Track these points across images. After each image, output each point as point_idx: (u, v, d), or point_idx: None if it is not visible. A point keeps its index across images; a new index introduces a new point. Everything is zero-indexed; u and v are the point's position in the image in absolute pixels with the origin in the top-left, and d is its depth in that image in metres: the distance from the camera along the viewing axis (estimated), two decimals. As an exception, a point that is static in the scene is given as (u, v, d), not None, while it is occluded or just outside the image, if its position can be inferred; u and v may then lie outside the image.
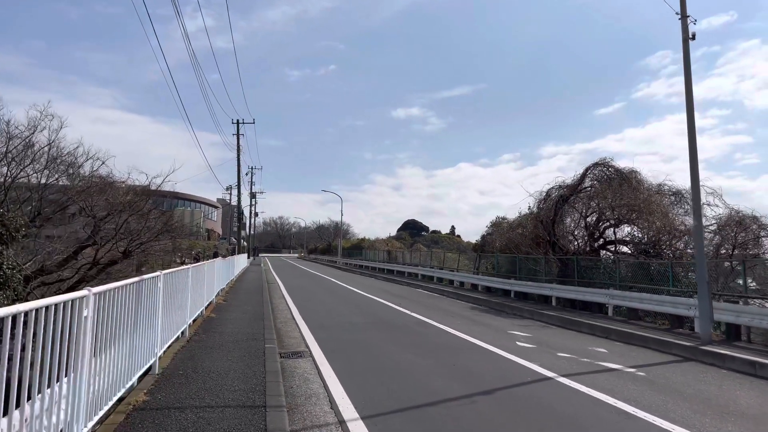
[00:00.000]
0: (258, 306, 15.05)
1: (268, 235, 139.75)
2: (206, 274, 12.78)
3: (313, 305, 16.98)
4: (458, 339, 10.94)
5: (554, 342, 10.97)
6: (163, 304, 7.04)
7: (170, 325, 7.77)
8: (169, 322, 7.64)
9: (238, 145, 46.11)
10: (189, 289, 9.56)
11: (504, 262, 22.22)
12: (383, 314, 14.95)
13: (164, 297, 7.15)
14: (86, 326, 3.93)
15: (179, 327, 8.78)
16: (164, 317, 7.23)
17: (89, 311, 3.99)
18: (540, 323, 14.11)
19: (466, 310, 16.68)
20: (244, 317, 12.52)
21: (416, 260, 34.44)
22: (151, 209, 17.42)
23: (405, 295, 21.73)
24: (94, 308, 4.13)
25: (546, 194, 20.24)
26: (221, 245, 66.08)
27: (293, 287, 24.45)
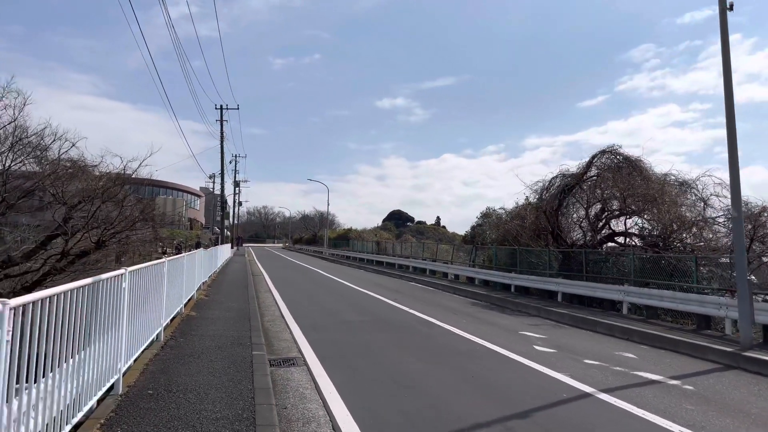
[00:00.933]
0: (243, 302, 13.80)
1: (252, 225, 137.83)
2: (186, 268, 11.51)
3: (303, 300, 15.77)
4: (469, 342, 9.79)
5: (574, 345, 9.87)
6: (129, 307, 5.79)
7: (139, 331, 6.52)
8: (137, 328, 6.39)
9: (222, 131, 44.56)
10: (164, 286, 8.30)
11: (503, 255, 21.14)
12: (380, 311, 13.79)
13: (131, 299, 5.90)
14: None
15: (152, 331, 7.53)
16: (131, 324, 5.98)
17: (3, 332, 2.75)
18: (550, 322, 13.04)
19: (468, 307, 15.56)
20: (229, 316, 11.27)
21: (407, 252, 33.28)
22: (126, 196, 16.00)
23: (399, 288, 20.58)
24: (13, 326, 2.89)
25: (549, 183, 19.16)
26: (204, 235, 64.45)
27: (280, 280, 23.19)
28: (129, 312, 5.81)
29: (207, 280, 19.07)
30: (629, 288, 13.18)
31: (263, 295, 17.14)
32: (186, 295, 11.92)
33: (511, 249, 20.57)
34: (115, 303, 5.27)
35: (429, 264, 27.45)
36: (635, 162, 17.08)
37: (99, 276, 4.73)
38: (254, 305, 13.39)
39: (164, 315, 8.44)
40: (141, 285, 6.46)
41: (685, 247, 16.50)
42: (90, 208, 15.82)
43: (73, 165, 17.44)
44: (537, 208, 20.30)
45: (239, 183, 74.29)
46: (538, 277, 17.37)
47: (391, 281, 24.29)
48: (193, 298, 13.82)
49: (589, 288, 14.73)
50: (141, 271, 6.41)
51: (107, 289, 4.97)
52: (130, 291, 5.82)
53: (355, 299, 16.57)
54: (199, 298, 14.07)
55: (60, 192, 16.31)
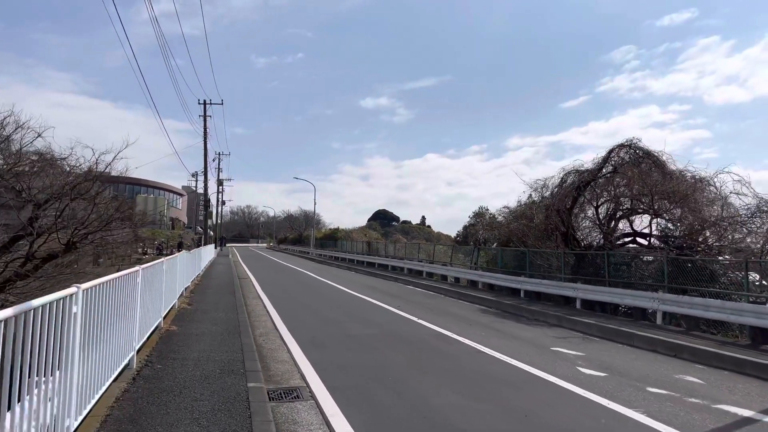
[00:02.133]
0: (231, 311, 12.22)
1: (235, 225, 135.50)
2: (166, 275, 9.92)
3: (297, 309, 14.22)
4: (501, 364, 8.34)
5: (623, 366, 8.47)
6: (84, 337, 4.25)
7: (100, 365, 4.97)
8: (97, 361, 4.84)
9: (205, 127, 42.73)
10: (138, 301, 6.73)
11: (508, 257, 19.76)
12: (386, 321, 12.30)
13: (87, 325, 4.37)
14: None
15: (121, 358, 5.97)
16: (87, 359, 4.44)
17: None
18: (577, 333, 11.65)
19: (479, 315, 14.13)
20: (215, 330, 9.70)
21: (401, 252, 31.78)
22: (99, 192, 14.30)
23: (398, 293, 19.10)
24: None
25: (561, 180, 17.80)
26: (186, 234, 62.40)
27: (269, 284, 21.58)
28: (83, 343, 4.27)
29: (190, 285, 17.44)
30: (665, 295, 11.83)
31: (252, 301, 15.56)
32: (166, 305, 10.33)
33: (519, 250, 19.20)
34: (61, 334, 3.74)
35: (426, 266, 26.00)
36: (656, 157, 15.78)
37: (30, 303, 3.19)
38: (244, 315, 11.84)
39: (138, 336, 6.87)
40: (103, 304, 4.91)
41: (711, 249, 15.25)
42: (59, 206, 14.13)
43: (40, 158, 15.73)
44: (547, 206, 18.95)
45: (222, 181, 72.41)
46: (551, 282, 16.00)
47: (387, 285, 22.80)
48: (175, 307, 12.22)
49: (614, 294, 13.37)
50: (102, 287, 4.85)
51: (48, 318, 3.44)
52: (85, 315, 4.28)
53: (354, 306, 15.06)
54: (181, 308, 12.48)
55: (25, 188, 14.61)
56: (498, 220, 31.97)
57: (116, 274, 5.62)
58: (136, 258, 36.29)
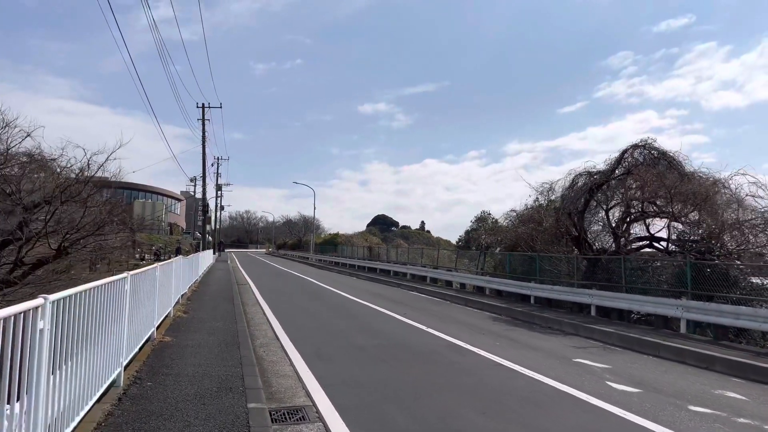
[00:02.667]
0: (229, 320, 11.55)
1: (234, 230, 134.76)
2: (159, 283, 9.26)
3: (299, 316, 13.55)
4: (524, 378, 7.66)
5: (656, 380, 7.80)
6: (54, 358, 3.60)
7: (81, 384, 4.31)
8: (76, 381, 4.18)
9: (203, 130, 42.10)
10: (125, 313, 6.06)
11: (518, 262, 19.09)
12: (393, 331, 11.62)
13: (59, 344, 3.71)
14: None
15: (104, 378, 5.30)
16: (62, 381, 3.78)
17: None
18: (596, 343, 10.98)
19: (490, 323, 13.47)
20: (212, 341, 9.02)
21: (404, 258, 31.10)
22: (91, 194, 13.61)
23: (402, 300, 18.43)
24: None
25: (572, 182, 17.15)
26: (184, 240, 61.73)
27: (268, 290, 20.90)
28: (56, 364, 3.62)
29: (187, 292, 16.76)
30: (689, 303, 11.17)
31: (251, 309, 14.89)
32: (160, 314, 9.66)
33: (527, 255, 18.54)
34: (22, 357, 3.08)
35: (430, 271, 25.32)
36: (672, 157, 15.15)
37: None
38: (243, 324, 11.16)
39: (125, 350, 6.20)
40: (81, 317, 4.25)
41: (730, 254, 14.60)
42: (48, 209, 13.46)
43: (31, 159, 15.08)
44: (557, 209, 18.31)
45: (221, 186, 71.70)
46: (564, 288, 15.33)
47: (390, 291, 22.13)
48: (170, 315, 11.55)
49: (633, 301, 12.71)
50: (78, 298, 4.18)
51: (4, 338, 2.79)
52: (56, 331, 3.62)
53: (358, 314, 14.38)
54: (176, 316, 11.80)
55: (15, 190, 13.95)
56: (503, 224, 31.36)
57: (95, 282, 4.96)
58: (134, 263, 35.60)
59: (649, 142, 15.56)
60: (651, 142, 15.55)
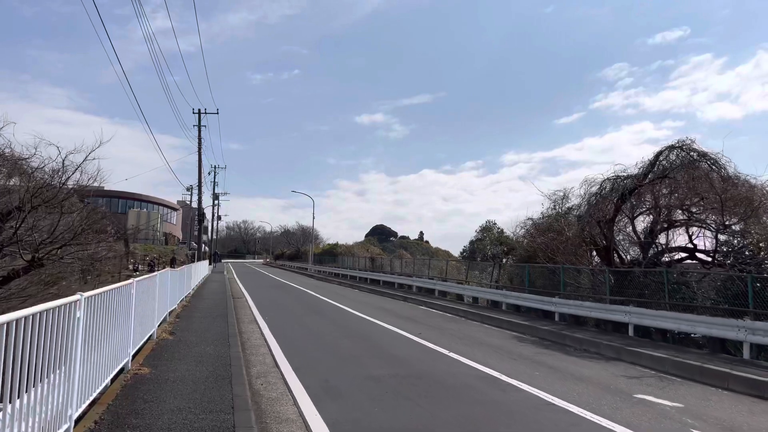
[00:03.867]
0: (221, 343, 9.99)
1: (231, 240, 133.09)
2: (137, 303, 7.72)
3: (300, 337, 12.01)
4: (587, 423, 6.10)
5: (747, 425, 6.28)
6: None
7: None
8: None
9: (200, 137, 40.67)
10: (77, 348, 4.53)
11: (537, 275, 17.58)
12: (411, 355, 10.08)
13: None
14: None
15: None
16: None
17: None
18: (647, 371, 9.45)
19: (517, 345, 11.94)
20: (199, 374, 7.47)
21: (409, 269, 29.57)
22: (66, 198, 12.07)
23: (414, 316, 16.88)
24: None
25: (599, 188, 15.65)
26: (180, 250, 60.06)
27: (266, 304, 19.33)
28: None
29: (176, 308, 15.21)
30: (755, 324, 9.65)
31: (247, 327, 13.35)
32: (137, 339, 8.13)
33: (548, 267, 17.03)
34: None
35: (438, 284, 23.76)
36: (715, 159, 13.69)
37: None
38: (237, 349, 9.61)
39: (78, 397, 4.67)
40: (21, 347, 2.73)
41: None
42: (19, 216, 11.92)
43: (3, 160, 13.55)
44: (579, 217, 16.82)
45: (218, 195, 70.18)
46: (594, 304, 13.82)
47: (397, 305, 20.57)
48: (153, 338, 10.01)
49: (681, 321, 11.17)
50: None
51: None
52: None
53: (368, 334, 12.84)
54: (160, 338, 10.24)
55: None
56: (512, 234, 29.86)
57: (27, 310, 3.44)
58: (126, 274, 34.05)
59: (687, 142, 14.09)
60: (689, 142, 14.08)
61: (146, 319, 9.05)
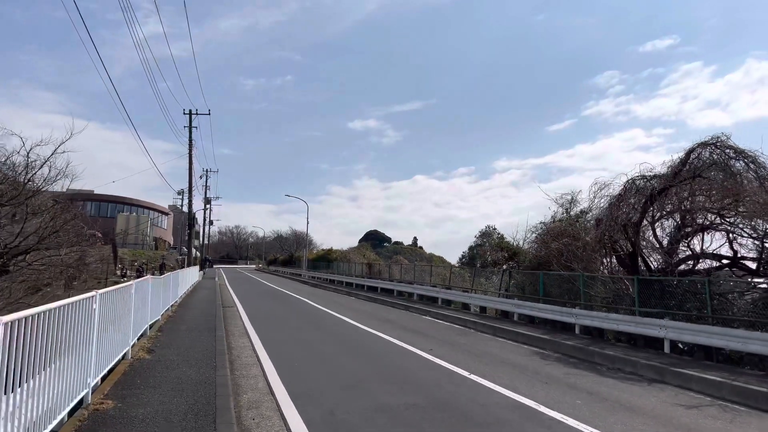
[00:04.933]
0: (206, 364, 8.61)
1: (223, 245, 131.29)
2: (105, 320, 6.34)
3: (298, 354, 10.64)
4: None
5: None
6: None
7: None
8: None
9: (190, 138, 39.24)
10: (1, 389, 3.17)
11: (553, 283, 16.27)
12: (426, 378, 8.71)
13: None
14: None
15: None
16: None
17: None
18: (703, 398, 8.16)
19: (542, 363, 10.60)
20: (175, 408, 6.08)
21: (409, 276, 28.18)
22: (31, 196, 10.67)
23: (419, 328, 15.52)
24: None
25: (623, 188, 14.37)
26: (170, 255, 58.48)
27: (259, 315, 17.91)
28: None
29: (160, 320, 13.81)
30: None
31: (238, 341, 11.97)
32: (104, 363, 6.75)
33: (564, 275, 15.74)
34: None
35: (442, 292, 22.39)
36: (753, 157, 12.46)
37: None
38: (224, 372, 8.22)
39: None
40: None
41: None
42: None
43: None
44: (599, 221, 15.53)
45: (210, 200, 68.60)
46: (624, 316, 12.49)
47: (399, 315, 19.21)
48: (127, 357, 8.63)
49: (731, 338, 9.86)
50: None
51: None
52: None
53: (373, 350, 11.48)
54: (136, 358, 8.86)
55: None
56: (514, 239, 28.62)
57: None
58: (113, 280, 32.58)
59: (723, 138, 12.85)
60: (724, 139, 12.83)
61: (117, 337, 7.66)
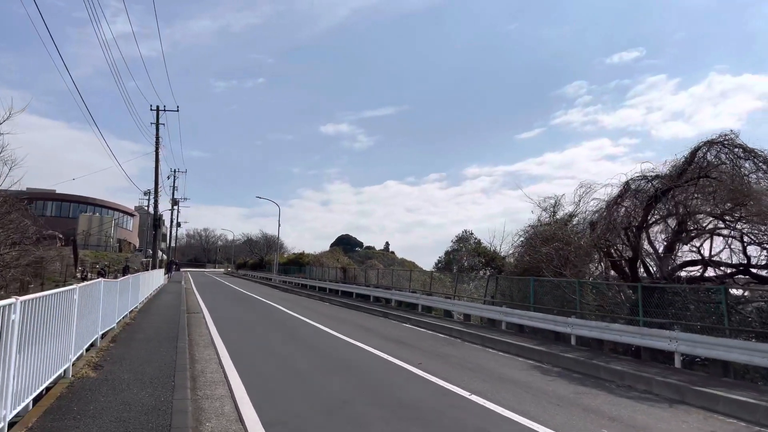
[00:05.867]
0: (163, 384, 7.27)
1: (191, 248, 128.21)
2: (24, 337, 5.00)
3: (272, 369, 9.34)
4: None
5: None
6: None
7: None
8: None
9: (157, 135, 37.33)
10: None
11: (545, 290, 15.26)
12: (422, 400, 7.51)
13: None
14: None
15: None
16: None
17: None
18: (737, 422, 7.16)
19: (545, 380, 9.52)
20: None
21: (386, 281, 26.95)
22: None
23: (402, 337, 14.34)
24: None
25: (623, 190, 13.45)
26: (134, 258, 56.21)
27: (226, 322, 16.49)
28: None
29: (116, 328, 12.36)
30: None
31: (202, 354, 10.61)
32: (29, 389, 5.40)
33: (556, 282, 14.75)
34: None
35: (422, 298, 21.24)
36: (765, 158, 11.64)
37: None
38: (184, 392, 6.91)
39: None
40: None
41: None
42: None
43: None
44: (592, 223, 14.59)
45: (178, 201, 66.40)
46: (627, 327, 11.49)
47: (379, 323, 17.99)
48: (67, 376, 7.25)
49: (754, 352, 8.92)
50: None
51: None
52: None
53: (356, 364, 10.25)
54: (79, 377, 7.47)
55: None
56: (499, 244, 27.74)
57: None
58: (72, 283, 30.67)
59: (731, 136, 12.01)
60: (732, 137, 12.00)
61: (52, 353, 6.29)
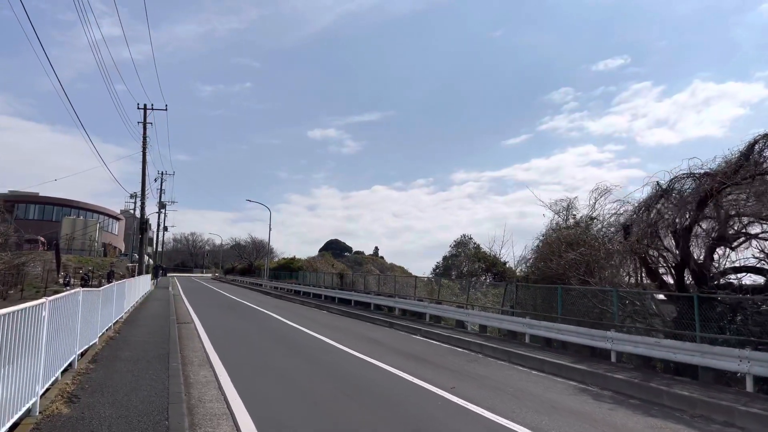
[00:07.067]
0: (153, 423, 5.78)
1: (178, 253, 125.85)
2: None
3: (281, 397, 7.85)
4: None
5: None
6: None
7: None
8: None
9: (144, 135, 35.75)
10: None
11: (572, 300, 13.90)
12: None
13: None
14: None
15: None
16: None
17: None
18: None
19: (603, 409, 8.12)
20: None
21: (389, 288, 25.47)
22: None
23: (418, 352, 12.91)
24: None
25: (663, 190, 12.12)
26: (120, 263, 54.21)
27: (221, 334, 14.96)
28: None
29: (97, 344, 10.83)
30: None
31: (198, 374, 9.13)
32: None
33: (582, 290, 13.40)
34: None
35: (430, 307, 19.80)
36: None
37: None
38: None
39: None
40: None
41: None
42: None
43: None
44: (627, 227, 13.25)
45: (165, 204, 64.58)
46: (684, 344, 10.11)
47: (387, 335, 16.54)
48: (33, 413, 5.75)
49: None
50: None
51: None
52: None
53: (378, 388, 8.79)
54: (49, 414, 5.97)
55: None
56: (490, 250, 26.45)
57: None
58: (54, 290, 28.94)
59: (792, 130, 10.74)
60: (794, 130, 10.73)
61: (12, 386, 4.80)
